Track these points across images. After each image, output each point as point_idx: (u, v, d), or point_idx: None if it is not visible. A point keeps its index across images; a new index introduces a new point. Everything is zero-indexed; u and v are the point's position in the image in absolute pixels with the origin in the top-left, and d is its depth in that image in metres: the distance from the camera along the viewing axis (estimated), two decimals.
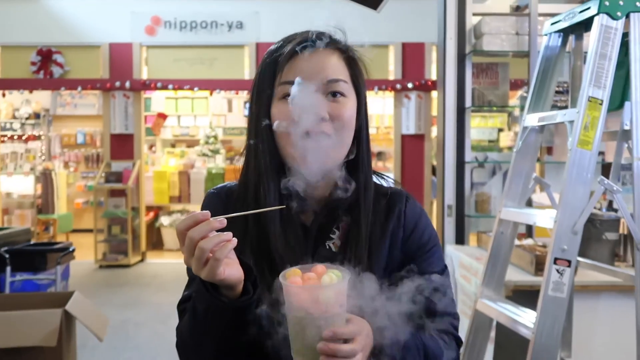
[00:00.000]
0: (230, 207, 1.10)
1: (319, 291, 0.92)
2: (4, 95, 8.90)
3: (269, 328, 1.02)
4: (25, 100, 10.92)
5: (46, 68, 8.64)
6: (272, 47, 1.16)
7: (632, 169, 1.92)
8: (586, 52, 2.23)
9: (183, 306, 1.14)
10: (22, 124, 11.03)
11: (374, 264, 1.11)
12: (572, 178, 1.88)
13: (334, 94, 1.10)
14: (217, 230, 0.94)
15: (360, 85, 1.15)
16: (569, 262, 1.85)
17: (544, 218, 1.98)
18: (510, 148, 7.28)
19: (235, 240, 0.95)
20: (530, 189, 2.27)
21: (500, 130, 9.60)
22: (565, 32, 2.26)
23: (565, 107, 3.09)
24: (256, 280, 1.03)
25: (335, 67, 1.11)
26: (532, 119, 2.23)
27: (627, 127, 1.96)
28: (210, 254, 0.93)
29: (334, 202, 1.13)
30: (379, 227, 1.15)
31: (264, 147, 1.10)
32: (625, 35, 1.96)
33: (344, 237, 1.13)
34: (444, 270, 1.20)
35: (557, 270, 1.85)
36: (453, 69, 3.55)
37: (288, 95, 1.07)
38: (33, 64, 8.66)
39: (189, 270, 1.12)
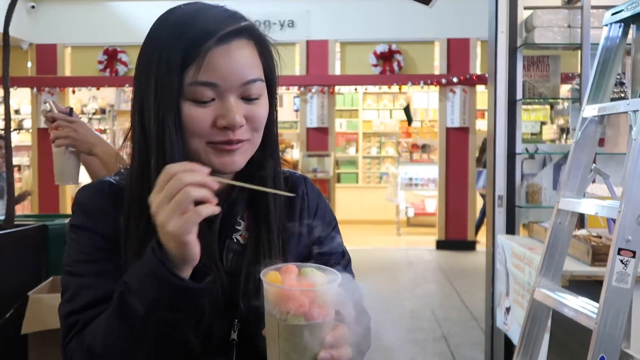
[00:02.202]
0: (120, 206, 0.93)
1: (324, 293, 0.78)
2: (73, 92, 9.12)
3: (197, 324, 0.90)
4: (92, 96, 11.15)
5: (112, 66, 8.81)
6: (172, 23, 0.91)
7: None
8: None
9: (77, 317, 0.89)
10: (90, 119, 11.27)
11: (288, 251, 1.00)
12: (637, 168, 1.76)
13: (250, 96, 0.91)
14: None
15: (273, 79, 0.97)
16: (634, 252, 1.74)
17: (606, 208, 1.88)
18: (552, 141, 7.07)
19: (217, 209, 0.80)
20: (589, 179, 2.16)
21: (543, 123, 9.35)
22: (625, 23, 2.13)
23: (620, 99, 2.94)
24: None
25: (252, 63, 0.91)
26: (591, 110, 2.11)
27: None
28: (191, 206, 0.77)
29: (236, 194, 0.99)
30: (286, 212, 1.03)
31: (169, 149, 0.89)
32: None
33: (252, 228, 0.99)
34: (345, 249, 1.11)
35: (621, 261, 1.74)
36: (504, 63, 3.43)
37: (200, 101, 0.88)
38: (100, 62, 8.85)
39: (67, 276, 0.93)
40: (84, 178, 1.93)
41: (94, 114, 11.28)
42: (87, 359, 0.86)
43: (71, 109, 1.89)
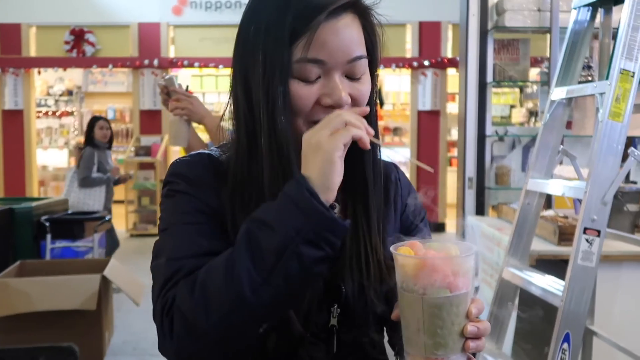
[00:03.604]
0: (220, 179, 0.90)
1: (466, 262, 0.75)
2: (39, 72, 8.92)
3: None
4: (59, 77, 10.92)
5: (79, 47, 8.63)
6: None
7: None
8: (614, 28, 2.14)
9: (181, 264, 0.82)
10: (56, 101, 11.05)
11: (386, 238, 0.95)
12: (602, 149, 1.80)
13: (354, 74, 0.87)
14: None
15: (375, 55, 0.92)
16: (599, 232, 1.79)
17: (573, 189, 1.92)
18: (521, 124, 7.18)
19: (367, 135, 0.80)
20: (557, 160, 2.21)
21: (512, 106, 9.46)
22: (594, 6, 2.17)
23: (588, 82, 3.00)
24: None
25: (358, 39, 0.87)
26: (559, 93, 2.15)
27: None
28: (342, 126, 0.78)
29: None
30: (383, 198, 0.98)
31: (280, 127, 0.85)
32: None
33: (349, 211, 0.94)
34: None
35: (587, 240, 1.79)
36: (475, 45, 3.47)
37: (307, 80, 0.84)
38: (66, 43, 8.65)
39: (164, 236, 0.88)
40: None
41: (60, 95, 11.05)
42: (199, 299, 0.77)
43: (187, 86, 2.28)
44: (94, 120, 5.53)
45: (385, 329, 1.00)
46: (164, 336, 0.79)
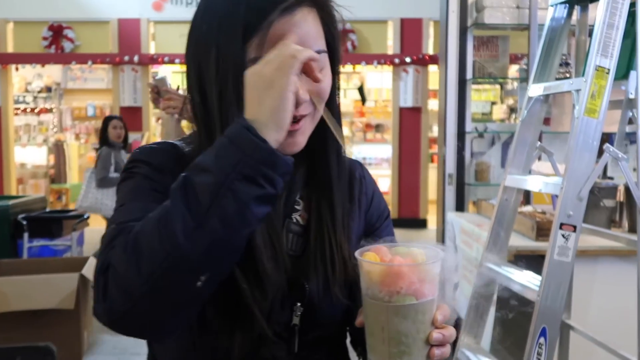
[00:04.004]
0: (184, 167, 0.83)
1: (432, 268, 0.73)
2: (17, 69, 8.80)
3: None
4: (37, 74, 10.78)
5: (57, 43, 8.53)
6: None
7: (637, 137, 1.88)
8: (591, 26, 2.16)
9: (126, 224, 0.77)
10: (35, 97, 10.91)
11: (350, 234, 0.94)
12: (578, 146, 1.82)
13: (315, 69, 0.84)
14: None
15: (335, 47, 0.89)
16: (575, 227, 1.80)
17: (550, 185, 1.94)
18: (502, 120, 7.23)
19: (317, 56, 0.78)
20: (534, 157, 2.22)
21: (493, 103, 9.52)
22: (570, 4, 2.18)
23: (566, 79, 3.03)
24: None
25: (316, 33, 0.84)
26: (537, 89, 2.16)
27: (632, 96, 1.91)
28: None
29: (294, 171, 0.84)
30: (347, 195, 0.97)
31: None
32: (633, 5, 1.90)
33: (313, 208, 0.92)
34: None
35: (563, 235, 1.80)
36: (455, 42, 3.48)
37: None
38: (45, 39, 8.55)
39: (115, 212, 0.84)
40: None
41: (39, 92, 10.91)
42: (130, 253, 0.71)
43: (178, 86, 2.39)
44: (108, 119, 5.36)
45: (348, 329, 0.99)
46: (97, 296, 0.73)
